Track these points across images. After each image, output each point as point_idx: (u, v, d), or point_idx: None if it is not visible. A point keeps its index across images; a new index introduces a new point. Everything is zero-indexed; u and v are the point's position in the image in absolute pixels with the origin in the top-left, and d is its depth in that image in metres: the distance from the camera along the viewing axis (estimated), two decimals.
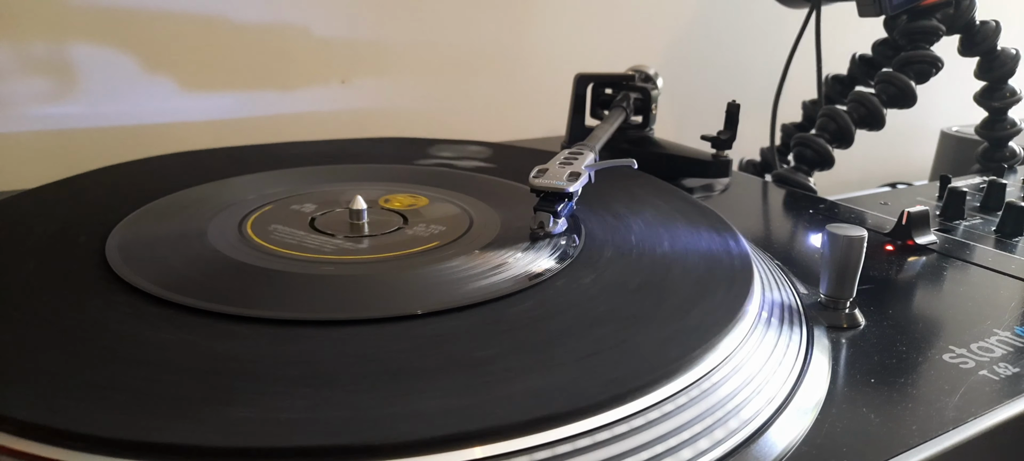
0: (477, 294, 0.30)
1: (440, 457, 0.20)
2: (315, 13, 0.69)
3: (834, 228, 0.33)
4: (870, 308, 0.35)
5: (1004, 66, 0.63)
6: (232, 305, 0.28)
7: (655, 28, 0.90)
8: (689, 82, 0.91)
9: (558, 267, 0.33)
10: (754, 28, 0.95)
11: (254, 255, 0.34)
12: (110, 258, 0.32)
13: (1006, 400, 0.28)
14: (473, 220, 0.39)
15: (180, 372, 0.24)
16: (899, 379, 0.29)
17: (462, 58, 0.78)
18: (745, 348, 0.28)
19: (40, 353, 0.25)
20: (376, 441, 0.20)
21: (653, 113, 0.61)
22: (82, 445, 0.20)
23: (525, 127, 0.80)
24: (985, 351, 0.32)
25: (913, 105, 0.59)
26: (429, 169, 0.50)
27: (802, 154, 0.61)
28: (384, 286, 0.31)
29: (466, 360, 0.25)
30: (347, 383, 0.23)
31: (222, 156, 0.52)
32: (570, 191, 0.38)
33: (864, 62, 0.68)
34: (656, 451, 0.23)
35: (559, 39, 0.83)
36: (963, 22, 0.62)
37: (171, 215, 0.39)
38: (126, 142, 0.63)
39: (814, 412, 0.27)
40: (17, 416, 0.21)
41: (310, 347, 0.26)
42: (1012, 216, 0.48)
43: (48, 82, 0.60)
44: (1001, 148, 0.68)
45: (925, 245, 0.45)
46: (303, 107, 0.71)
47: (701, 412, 0.24)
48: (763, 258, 0.39)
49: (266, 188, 0.44)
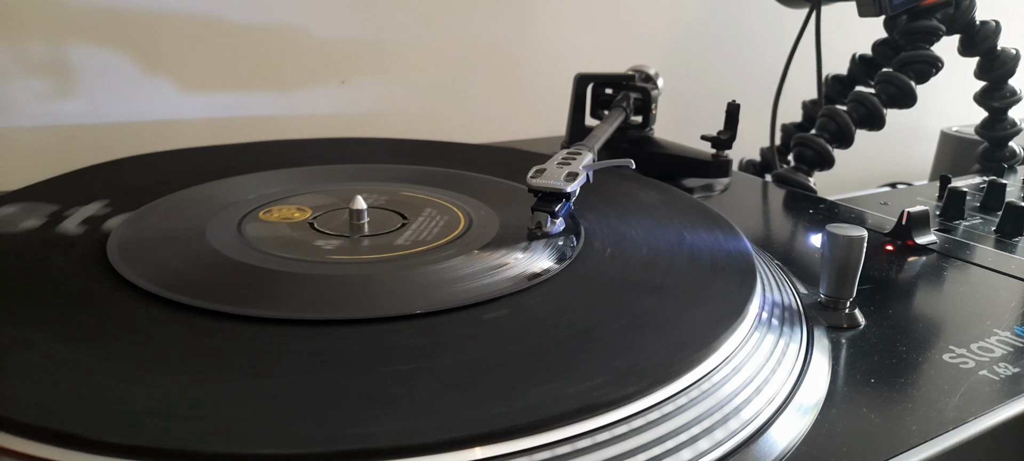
0: (476, 294, 0.30)
1: (440, 457, 0.20)
2: (315, 13, 0.69)
3: (834, 228, 0.33)
4: (870, 308, 0.35)
5: (1004, 66, 0.63)
6: (232, 305, 0.28)
7: (655, 28, 0.90)
8: (689, 82, 0.91)
9: (557, 267, 0.33)
10: (754, 28, 0.95)
11: (254, 255, 0.34)
12: (110, 258, 0.32)
13: (1006, 400, 0.28)
14: (472, 220, 0.39)
15: (180, 372, 0.24)
16: (899, 379, 0.29)
17: (462, 58, 0.78)
18: (745, 348, 0.28)
19: (40, 353, 0.25)
20: (376, 442, 0.20)
21: (653, 113, 0.61)
22: (82, 445, 0.20)
23: (525, 127, 0.80)
24: (985, 351, 0.32)
25: (913, 105, 0.59)
26: (429, 169, 0.50)
27: (802, 154, 0.61)
28: (384, 286, 0.31)
29: (466, 360, 0.25)
30: (347, 383, 0.23)
31: (222, 155, 0.52)
32: (567, 191, 0.38)
33: (864, 62, 0.68)
34: (656, 451, 0.23)
35: (559, 39, 0.83)
36: (963, 22, 0.62)
37: (171, 215, 0.39)
38: (126, 142, 0.63)
39: (814, 412, 0.27)
40: (17, 416, 0.21)
41: (310, 347, 0.26)
42: (1012, 216, 0.48)
43: (48, 82, 0.60)
44: (1001, 148, 0.68)
45: (925, 245, 0.45)
46: (303, 107, 0.71)
47: (701, 412, 0.24)
48: (763, 258, 0.39)
49: (266, 188, 0.44)
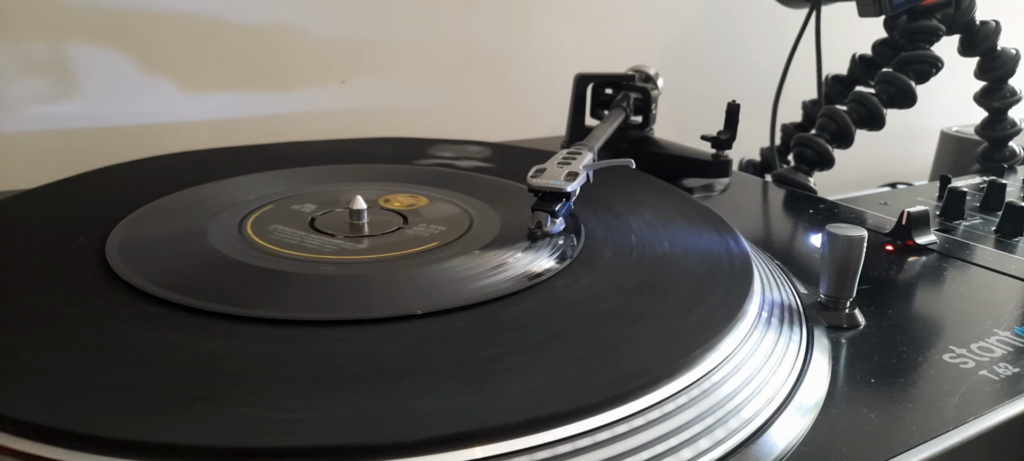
0: (477, 294, 0.30)
1: (440, 457, 0.20)
2: (315, 13, 0.69)
3: (834, 228, 0.33)
4: (870, 308, 0.35)
5: (1004, 66, 0.63)
6: (232, 305, 0.28)
7: (655, 28, 0.90)
8: (689, 82, 0.91)
9: (558, 267, 0.33)
10: (754, 28, 0.95)
11: (254, 255, 0.34)
12: (110, 258, 0.32)
13: (1006, 400, 0.28)
14: (473, 220, 0.39)
15: (180, 372, 0.24)
16: (899, 379, 0.29)
17: (462, 58, 0.78)
18: (745, 348, 0.28)
19: (40, 353, 0.25)
20: (376, 441, 0.20)
21: (653, 113, 0.61)
22: (82, 445, 0.20)
23: (525, 127, 0.80)
24: (985, 351, 0.32)
25: (913, 105, 0.59)
26: (429, 169, 0.50)
27: (802, 154, 0.61)
28: (384, 286, 0.31)
29: (466, 360, 0.25)
30: (347, 383, 0.23)
31: (222, 156, 0.52)
32: (567, 191, 0.38)
33: (864, 62, 0.68)
34: (656, 451, 0.23)
35: (559, 39, 0.83)
36: (963, 22, 0.62)
37: (171, 215, 0.39)
38: (126, 142, 0.63)
39: (814, 412, 0.27)
40: (17, 416, 0.21)
41: (310, 347, 0.26)
42: (1012, 216, 0.48)
43: (48, 82, 0.60)
44: (1001, 148, 0.68)
45: (925, 245, 0.45)
46: (303, 107, 0.71)
47: (701, 412, 0.24)
48: (763, 258, 0.39)
49: (266, 188, 0.44)
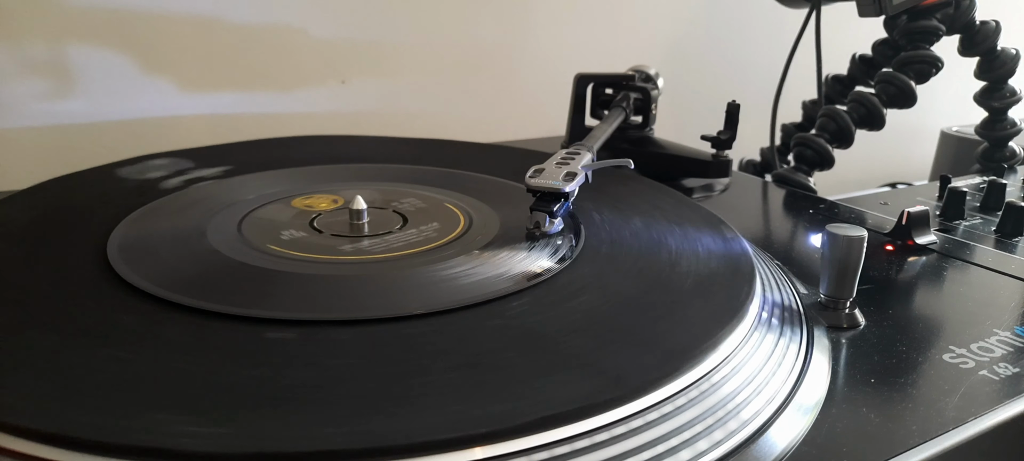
0: (477, 294, 0.30)
1: (440, 457, 0.20)
2: (315, 13, 0.69)
3: (834, 228, 0.33)
4: (870, 308, 0.35)
5: (1004, 66, 0.63)
6: (232, 305, 0.28)
7: (655, 28, 0.90)
8: (689, 82, 0.91)
9: (557, 267, 0.33)
10: (754, 28, 0.95)
11: (254, 255, 0.34)
12: (110, 258, 0.32)
13: (1006, 400, 0.28)
14: (473, 220, 0.39)
15: (180, 372, 0.24)
16: (899, 379, 0.29)
17: (462, 58, 0.78)
18: (745, 348, 0.28)
19: (40, 353, 0.25)
20: (376, 442, 0.20)
21: (653, 113, 0.61)
22: (82, 446, 0.20)
23: (525, 127, 0.80)
24: (985, 351, 0.32)
25: (913, 105, 0.59)
26: (429, 169, 0.50)
27: (802, 154, 0.61)
28: (384, 286, 0.31)
29: (465, 360, 0.25)
30: (347, 383, 0.23)
31: (222, 155, 0.52)
32: (566, 191, 0.38)
33: (864, 62, 0.68)
34: (656, 451, 0.23)
35: (559, 39, 0.83)
36: (963, 22, 0.62)
37: (171, 215, 0.39)
38: (126, 142, 0.63)
39: (814, 412, 0.27)
40: (17, 417, 0.21)
41: (310, 347, 0.26)
42: (1012, 216, 0.48)
43: (48, 82, 0.60)
44: (1001, 148, 0.68)
45: (925, 245, 0.45)
46: (303, 107, 0.71)
47: (701, 412, 0.24)
48: (763, 258, 0.39)
49: (266, 188, 0.44)
